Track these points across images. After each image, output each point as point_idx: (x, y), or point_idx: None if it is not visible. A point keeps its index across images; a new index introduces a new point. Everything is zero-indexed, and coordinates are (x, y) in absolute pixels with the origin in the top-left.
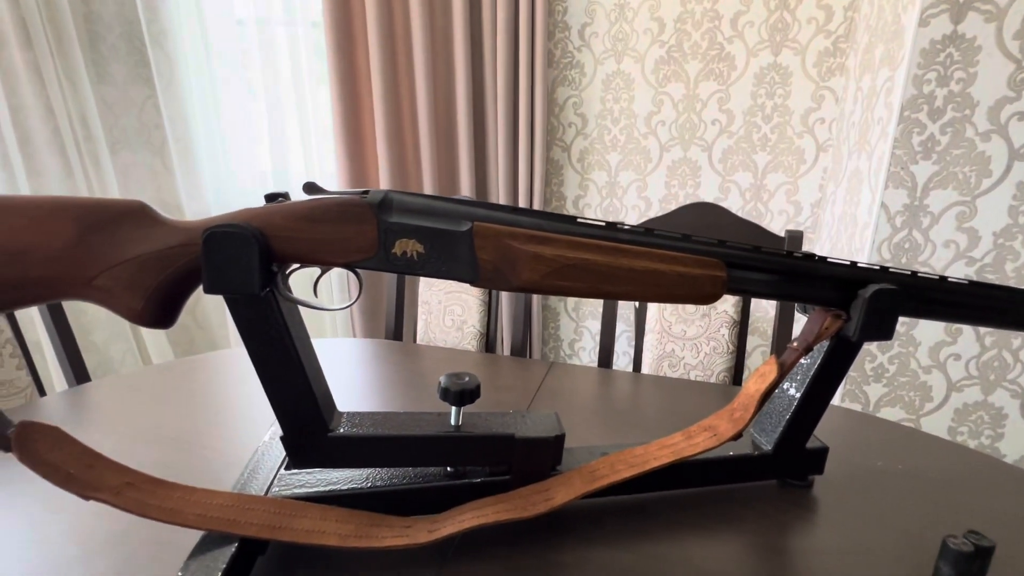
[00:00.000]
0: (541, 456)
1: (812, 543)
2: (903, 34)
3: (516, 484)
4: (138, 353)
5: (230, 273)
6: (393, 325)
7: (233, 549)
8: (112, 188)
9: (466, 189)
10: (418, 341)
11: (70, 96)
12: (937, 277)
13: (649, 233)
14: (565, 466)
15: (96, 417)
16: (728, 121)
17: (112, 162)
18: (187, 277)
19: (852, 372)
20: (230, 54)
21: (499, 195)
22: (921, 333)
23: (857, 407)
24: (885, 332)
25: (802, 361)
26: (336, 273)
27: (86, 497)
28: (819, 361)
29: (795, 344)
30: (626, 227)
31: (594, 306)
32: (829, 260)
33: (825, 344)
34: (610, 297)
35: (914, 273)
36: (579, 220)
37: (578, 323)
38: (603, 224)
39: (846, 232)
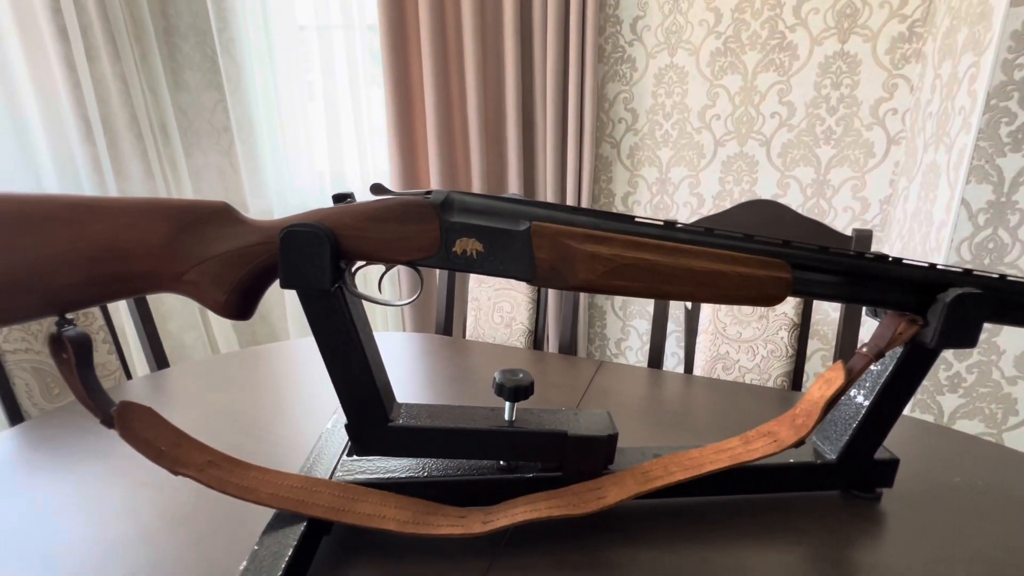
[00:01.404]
0: (593, 454)
1: (878, 559)
2: (991, 15)
3: (568, 481)
4: (207, 341)
5: (304, 269)
6: (443, 320)
7: (302, 528)
8: (186, 188)
9: (514, 186)
10: (467, 337)
11: (151, 104)
12: None
13: (709, 233)
14: (617, 466)
15: (174, 400)
16: (789, 114)
17: (187, 164)
18: (265, 272)
19: (925, 381)
20: (291, 59)
21: (547, 192)
22: (1006, 340)
23: (929, 418)
24: (968, 339)
25: (872, 367)
26: (391, 271)
27: (175, 472)
28: (891, 368)
29: (864, 349)
30: (685, 226)
31: (641, 305)
32: (905, 261)
33: (898, 350)
34: (668, 297)
35: (1003, 276)
36: (637, 219)
37: (625, 322)
38: (661, 223)
39: (920, 230)
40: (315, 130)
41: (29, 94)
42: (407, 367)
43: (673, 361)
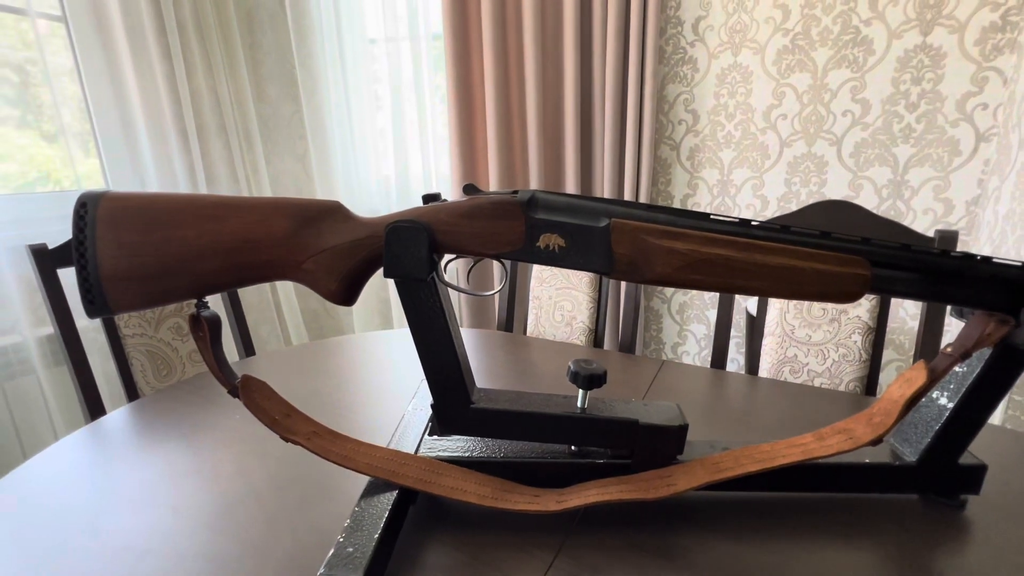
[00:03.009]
0: (663, 443)
1: (963, 565)
2: None
3: (637, 468)
4: (280, 334)
5: (404, 260)
6: (505, 317)
7: (395, 495)
8: (266, 191)
9: (571, 188)
10: (527, 334)
11: (238, 115)
12: None
13: (785, 230)
14: (686, 456)
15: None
16: (863, 111)
17: (267, 171)
18: (370, 263)
19: (1016, 396)
20: (361, 71)
21: (604, 193)
22: None
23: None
24: None
25: (957, 369)
26: (465, 265)
27: (286, 439)
28: (978, 370)
29: (949, 349)
30: (760, 223)
31: (699, 309)
32: (994, 260)
33: (986, 352)
34: (743, 292)
35: None
36: (712, 216)
37: (682, 326)
38: (736, 220)
39: (1014, 233)
40: (382, 138)
41: (137, 107)
42: (473, 360)
43: (733, 366)
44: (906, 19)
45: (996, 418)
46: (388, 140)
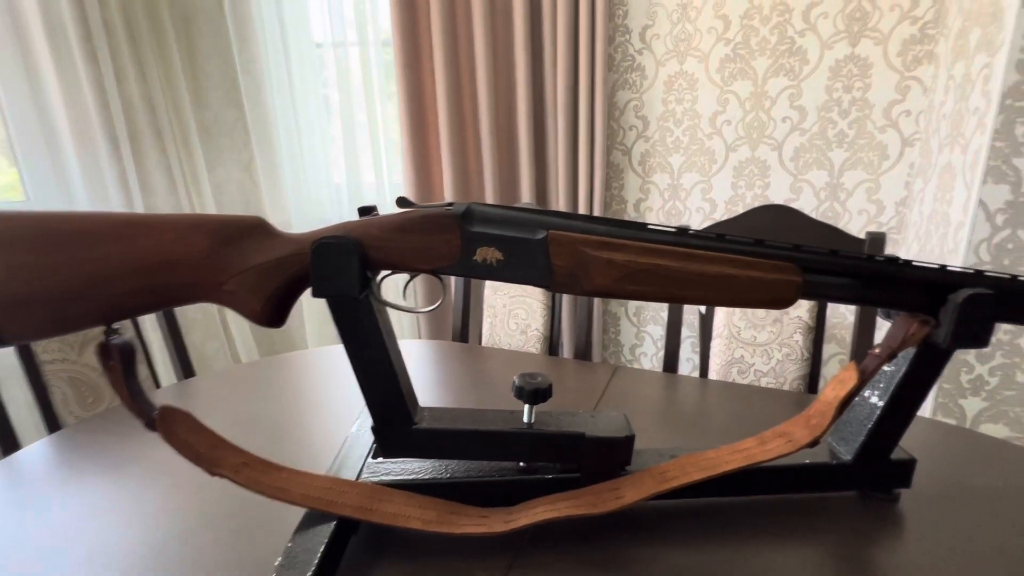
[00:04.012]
0: (611, 455)
1: (898, 557)
2: (1002, 16)
3: (586, 482)
4: (228, 351)
5: (334, 278)
6: (459, 327)
7: (332, 527)
8: (208, 202)
9: (526, 195)
10: (483, 343)
11: (175, 122)
12: None
13: (721, 238)
14: (635, 467)
15: (202, 407)
16: (800, 118)
17: (208, 178)
18: (298, 282)
19: (946, 384)
20: (309, 75)
21: (559, 200)
22: None
23: (951, 422)
24: (979, 339)
25: (886, 368)
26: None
27: (212, 473)
28: (904, 369)
29: (877, 350)
30: (697, 232)
31: (655, 311)
32: (915, 263)
33: (911, 351)
34: (681, 302)
35: (1014, 276)
36: (650, 227)
37: (639, 328)
38: (674, 230)
39: (937, 232)
40: (332, 145)
41: (61, 115)
42: (425, 373)
43: (688, 366)
44: (836, 31)
45: (927, 410)
46: (339, 148)
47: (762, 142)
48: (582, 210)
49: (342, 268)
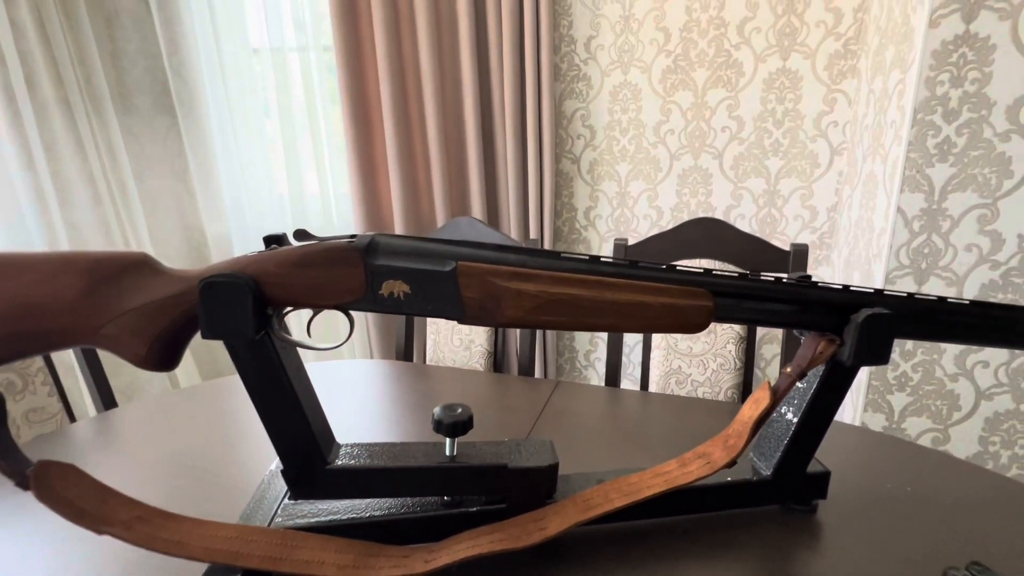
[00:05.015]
0: (535, 484)
1: (813, 570)
2: (913, 35)
3: (512, 513)
4: (167, 376)
5: (226, 319)
6: (403, 345)
7: None
8: (138, 214)
9: (476, 203)
10: (428, 360)
11: (98, 129)
12: (935, 298)
13: (634, 265)
14: (561, 494)
15: (120, 443)
16: (738, 128)
17: (138, 189)
18: (187, 323)
19: (875, 381)
20: (246, 81)
21: (510, 208)
22: None
23: (881, 416)
24: (880, 356)
25: (799, 385)
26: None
27: (99, 532)
28: (815, 386)
29: (788, 370)
30: (610, 260)
31: None
32: (820, 285)
33: (821, 369)
34: (594, 330)
35: (911, 295)
36: (563, 255)
37: (593, 335)
38: (586, 258)
39: (863, 237)
40: (273, 153)
41: None
42: (362, 396)
43: (639, 372)
44: (768, 45)
45: (859, 406)
46: (280, 157)
47: (704, 151)
48: (532, 218)
49: (234, 308)
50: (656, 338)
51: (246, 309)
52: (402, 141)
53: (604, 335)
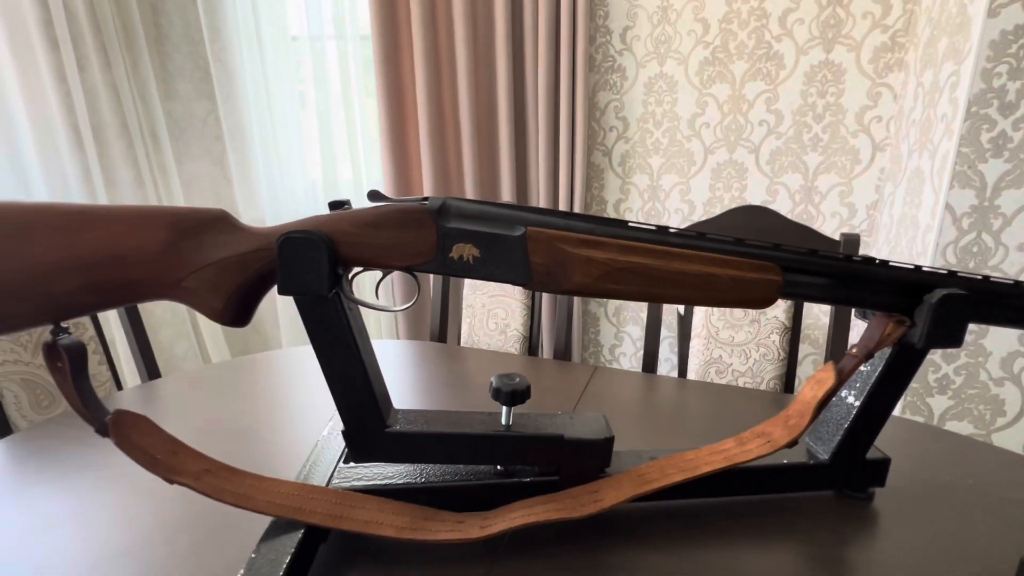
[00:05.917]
0: (590, 457)
1: (872, 557)
2: (969, 26)
3: (565, 485)
4: (199, 352)
5: (301, 275)
6: (438, 328)
7: (300, 535)
8: (178, 196)
9: (507, 194)
10: (462, 344)
11: (142, 113)
12: (1012, 282)
13: (701, 237)
14: (614, 469)
15: (167, 410)
16: (776, 122)
17: (178, 172)
18: (263, 279)
19: (914, 384)
20: (284, 69)
21: (539, 200)
22: (992, 342)
23: (919, 420)
24: (954, 339)
25: (862, 368)
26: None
27: (170, 480)
28: (880, 369)
29: (854, 350)
30: (678, 231)
31: (635, 311)
32: (891, 263)
33: (887, 351)
34: (661, 300)
35: (986, 277)
36: (631, 224)
37: (619, 328)
38: (654, 228)
39: (906, 235)
40: (308, 140)
41: (18, 103)
42: (402, 374)
43: (667, 366)
44: (811, 37)
45: (896, 408)
46: (315, 143)
47: (740, 145)
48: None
49: (310, 264)
50: (696, 326)
51: (322, 266)
52: (435, 130)
53: (632, 328)
